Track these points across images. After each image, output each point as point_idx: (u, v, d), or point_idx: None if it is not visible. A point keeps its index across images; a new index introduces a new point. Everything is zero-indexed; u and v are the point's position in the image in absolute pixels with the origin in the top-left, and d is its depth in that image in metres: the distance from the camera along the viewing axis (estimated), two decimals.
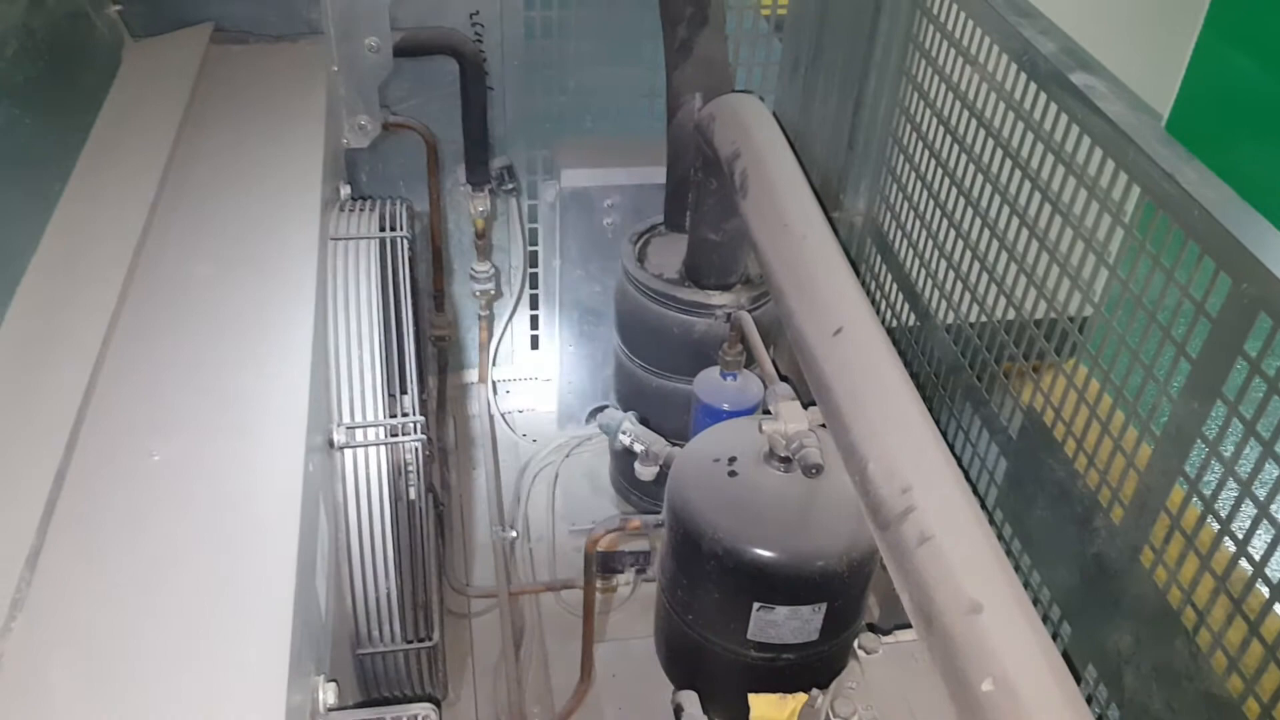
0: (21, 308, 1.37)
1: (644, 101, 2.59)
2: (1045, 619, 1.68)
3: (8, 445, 1.18)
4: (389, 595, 1.61)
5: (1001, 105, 1.75)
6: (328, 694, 1.15)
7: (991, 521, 1.84)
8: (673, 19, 2.11)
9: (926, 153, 2.01)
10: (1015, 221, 1.74)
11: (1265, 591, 1.23)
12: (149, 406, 1.26)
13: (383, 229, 1.81)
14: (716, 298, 2.15)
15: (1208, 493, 1.32)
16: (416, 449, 1.64)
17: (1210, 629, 1.32)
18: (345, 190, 2.03)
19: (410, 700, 1.74)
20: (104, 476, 1.16)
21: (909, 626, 1.14)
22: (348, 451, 1.57)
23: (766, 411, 1.66)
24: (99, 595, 1.04)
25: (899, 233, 2.17)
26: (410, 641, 1.68)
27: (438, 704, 1.20)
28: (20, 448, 1.18)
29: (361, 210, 1.87)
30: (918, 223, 2.07)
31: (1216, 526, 1.31)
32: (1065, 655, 1.61)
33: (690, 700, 1.68)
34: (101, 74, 1.92)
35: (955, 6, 1.87)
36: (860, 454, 1.20)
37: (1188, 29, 2.87)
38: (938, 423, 2.02)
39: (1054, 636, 1.66)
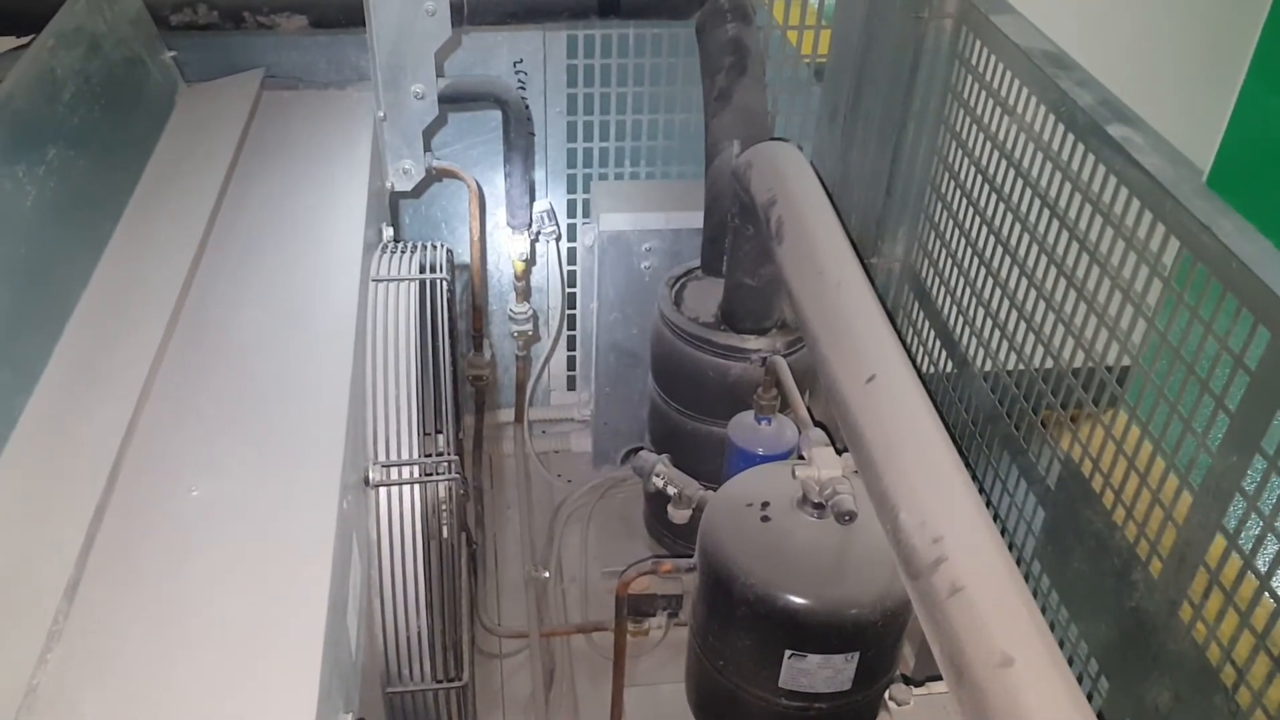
0: (71, 343, 1.40)
1: (683, 148, 2.62)
2: (1083, 674, 1.65)
3: (51, 478, 1.20)
4: (420, 634, 1.62)
5: (1039, 155, 1.75)
6: None
7: (1029, 575, 1.82)
8: (712, 68, 2.14)
9: (964, 201, 2.01)
10: (1053, 271, 1.73)
11: None
12: (190, 443, 1.29)
13: (422, 271, 1.84)
14: (752, 342, 2.16)
15: (1247, 547, 1.30)
16: (450, 488, 1.65)
17: (1250, 687, 1.29)
18: (388, 232, 2.07)
19: None
20: (143, 511, 1.19)
21: (941, 678, 1.13)
22: (382, 489, 1.59)
23: (800, 457, 1.66)
24: (134, 628, 1.05)
25: (936, 280, 2.17)
26: (440, 681, 1.68)
27: None
28: (63, 481, 1.20)
29: (402, 252, 1.90)
30: (955, 270, 2.07)
31: (1256, 582, 1.29)
32: (1100, 715, 1.58)
33: None
34: (155, 117, 1.98)
35: (994, 58, 1.88)
36: (892, 502, 1.19)
37: (1230, 81, 2.87)
38: (975, 471, 2.02)
39: (1091, 692, 1.63)
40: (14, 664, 1.00)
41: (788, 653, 1.60)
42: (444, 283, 1.85)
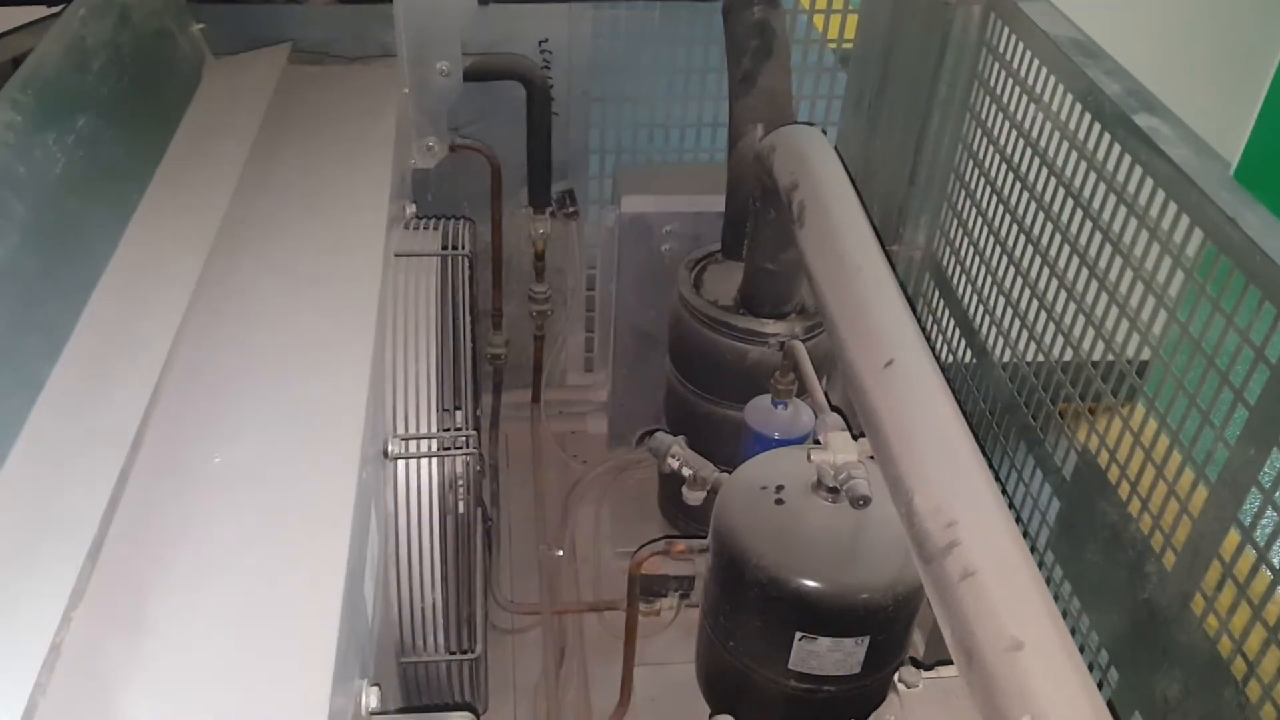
0: (96, 310, 1.42)
1: (707, 132, 2.62)
2: (1094, 664, 1.65)
3: (76, 443, 1.22)
4: (435, 606, 1.64)
5: (1065, 145, 1.74)
6: (370, 698, 1.17)
7: (1042, 564, 1.82)
8: (737, 50, 2.14)
9: (988, 190, 2.01)
10: (1075, 261, 1.73)
11: None
12: (213, 411, 1.30)
13: (445, 247, 1.85)
14: (770, 326, 2.16)
15: (1262, 541, 1.30)
16: (468, 463, 1.66)
17: (1260, 680, 1.29)
18: (410, 209, 2.07)
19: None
20: (166, 476, 1.20)
21: (950, 663, 1.14)
22: (401, 462, 1.60)
23: (816, 441, 1.66)
24: (156, 590, 1.07)
25: (958, 269, 2.17)
26: (453, 652, 1.70)
27: (476, 714, 1.22)
28: (87, 445, 1.22)
29: (425, 228, 1.91)
30: (977, 259, 2.07)
31: (1270, 576, 1.29)
32: (1111, 704, 1.59)
33: None
34: (182, 89, 1.99)
35: (1021, 45, 1.87)
36: (907, 486, 1.20)
37: (1260, 76, 2.84)
38: (991, 461, 2.02)
39: (1101, 683, 1.64)
40: (38, 623, 1.02)
41: (798, 635, 1.61)
42: (465, 259, 1.85)
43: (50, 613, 1.03)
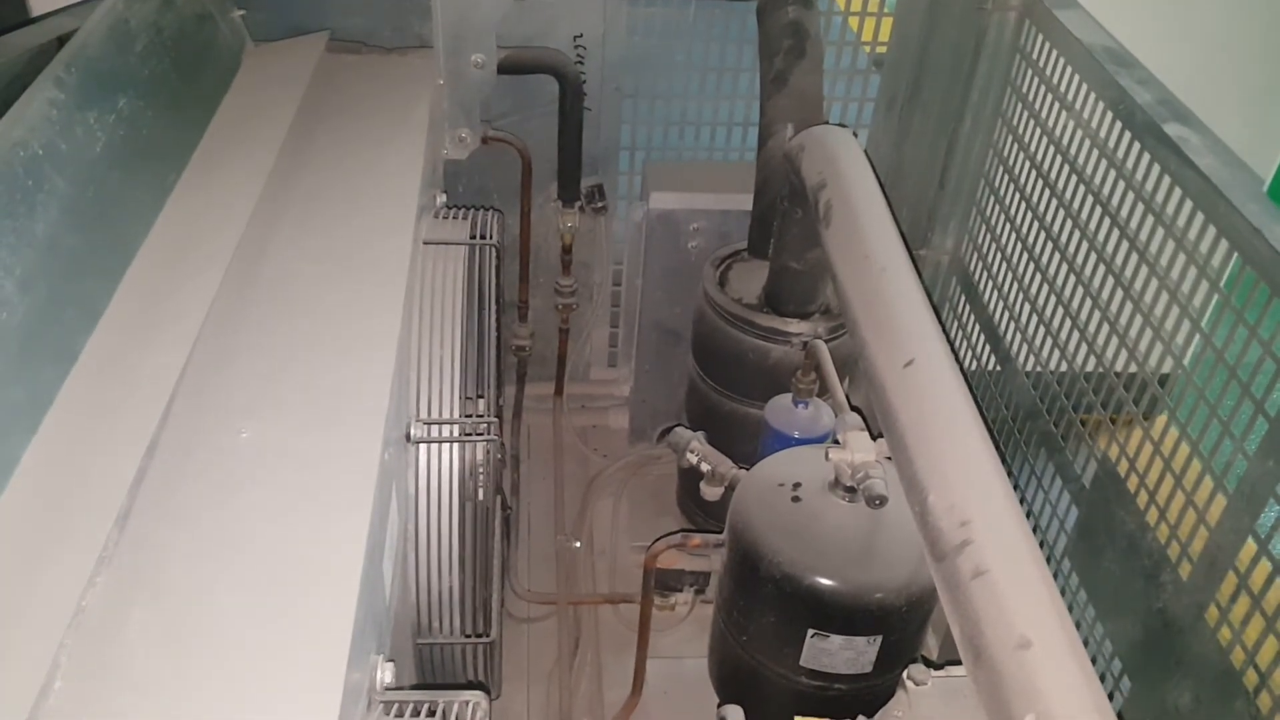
0: (130, 286, 1.45)
1: (737, 131, 2.63)
2: (1107, 673, 1.65)
3: (107, 413, 1.25)
4: (451, 589, 1.66)
5: (1095, 153, 1.74)
6: (385, 674, 1.19)
7: (1058, 573, 1.82)
8: (770, 50, 2.15)
9: (1017, 196, 2.01)
10: (1102, 271, 1.73)
11: None
12: (241, 388, 1.32)
13: (473, 236, 1.87)
14: (794, 326, 2.17)
15: (1277, 553, 1.30)
16: (488, 450, 1.68)
17: (1272, 692, 1.29)
18: (441, 198, 2.10)
19: None
20: (194, 449, 1.22)
21: (960, 663, 1.14)
22: (423, 446, 1.62)
23: (835, 441, 1.67)
24: (180, 557, 1.09)
25: (985, 274, 2.17)
26: (468, 636, 1.72)
27: (488, 693, 1.23)
28: (118, 416, 1.24)
29: (455, 217, 1.93)
30: (1004, 266, 2.07)
31: None
32: (1120, 716, 1.59)
33: (735, 714, 1.68)
34: (221, 74, 2.02)
35: (1055, 53, 1.87)
36: (922, 485, 1.20)
37: None
38: (1011, 467, 2.02)
39: (1113, 692, 1.63)
40: (64, 585, 1.04)
41: (810, 632, 1.61)
42: (493, 249, 1.87)
43: (77, 575, 1.05)
